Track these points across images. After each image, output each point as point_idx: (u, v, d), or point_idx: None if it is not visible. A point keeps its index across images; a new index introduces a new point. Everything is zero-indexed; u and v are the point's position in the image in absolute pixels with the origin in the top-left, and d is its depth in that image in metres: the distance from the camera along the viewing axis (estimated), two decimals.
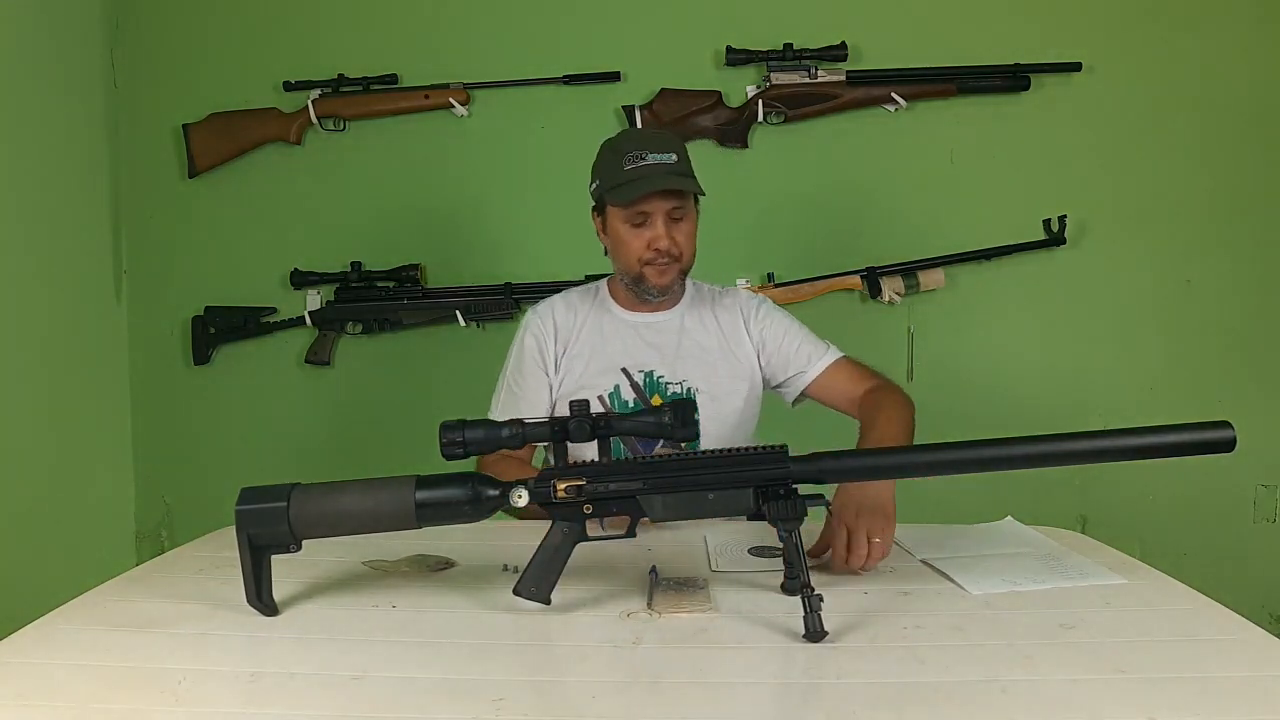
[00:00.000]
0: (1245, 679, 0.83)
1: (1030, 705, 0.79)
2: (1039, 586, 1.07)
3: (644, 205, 1.48)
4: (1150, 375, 2.33)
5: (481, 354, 2.30)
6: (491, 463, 1.42)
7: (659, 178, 1.46)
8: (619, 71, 2.32)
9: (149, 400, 2.46)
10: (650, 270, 1.52)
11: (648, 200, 1.47)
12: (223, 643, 0.94)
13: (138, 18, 2.40)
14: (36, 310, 2.12)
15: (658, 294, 1.55)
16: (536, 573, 1.01)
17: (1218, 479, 2.30)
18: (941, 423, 2.29)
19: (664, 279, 1.52)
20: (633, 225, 1.50)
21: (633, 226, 1.50)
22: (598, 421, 1.01)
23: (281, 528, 0.98)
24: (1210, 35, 2.28)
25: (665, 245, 1.49)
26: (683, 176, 1.49)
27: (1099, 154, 2.31)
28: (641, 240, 1.50)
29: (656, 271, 1.52)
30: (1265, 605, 2.30)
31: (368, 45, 2.36)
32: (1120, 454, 0.98)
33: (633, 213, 1.49)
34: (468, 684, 0.84)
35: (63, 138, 2.23)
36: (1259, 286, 2.32)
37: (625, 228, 1.51)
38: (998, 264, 2.31)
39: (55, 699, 0.81)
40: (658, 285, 1.53)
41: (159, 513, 2.48)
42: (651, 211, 1.48)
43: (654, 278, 1.52)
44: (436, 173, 2.38)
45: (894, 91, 2.27)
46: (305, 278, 2.36)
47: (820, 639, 0.91)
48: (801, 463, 0.99)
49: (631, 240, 1.51)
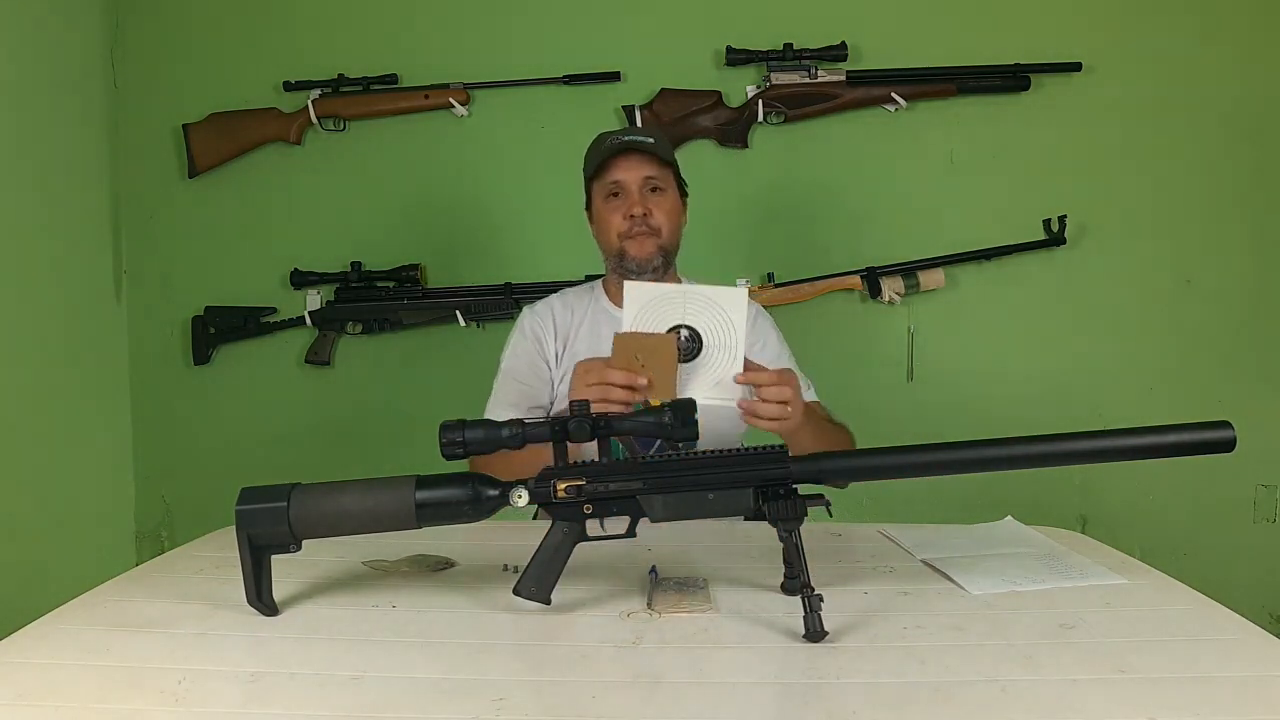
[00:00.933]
0: (1245, 679, 0.83)
1: (1030, 705, 0.79)
2: (1039, 586, 1.07)
3: (616, 172, 1.52)
4: (1150, 375, 2.33)
5: (481, 354, 2.30)
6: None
7: (626, 139, 1.51)
8: (619, 71, 2.32)
9: (149, 400, 2.46)
10: (629, 244, 1.52)
11: (619, 166, 1.51)
12: (223, 643, 0.94)
13: (138, 18, 2.40)
14: (37, 310, 2.12)
15: (637, 267, 1.53)
16: (536, 573, 1.01)
17: (1218, 479, 2.30)
18: (941, 423, 2.33)
19: (642, 250, 1.52)
20: (609, 198, 1.53)
21: (608, 199, 1.53)
22: (598, 421, 1.01)
23: (281, 528, 0.98)
24: (1210, 35, 2.28)
25: (639, 211, 1.50)
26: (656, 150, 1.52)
27: (1099, 154, 2.31)
28: (618, 213, 1.52)
29: (635, 244, 1.52)
30: (1265, 605, 2.30)
31: (368, 45, 2.36)
32: (1120, 454, 0.98)
33: (607, 184, 1.53)
34: (468, 684, 0.84)
35: (63, 138, 2.23)
36: (1259, 286, 2.32)
37: (603, 204, 1.54)
38: (998, 264, 2.31)
39: (55, 699, 0.81)
40: (636, 257, 1.53)
41: (159, 513, 2.48)
42: (625, 180, 1.52)
43: (632, 249, 1.53)
44: (436, 173, 2.38)
45: (894, 91, 2.27)
46: (305, 278, 2.36)
47: (820, 639, 0.91)
48: (802, 463, 0.99)
49: (609, 216, 1.53)
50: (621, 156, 1.52)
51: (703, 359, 1.27)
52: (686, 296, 1.27)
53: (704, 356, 1.27)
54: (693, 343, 1.27)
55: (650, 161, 1.53)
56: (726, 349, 1.27)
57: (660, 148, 1.54)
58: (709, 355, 1.27)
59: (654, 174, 1.53)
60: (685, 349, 1.27)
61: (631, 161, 1.52)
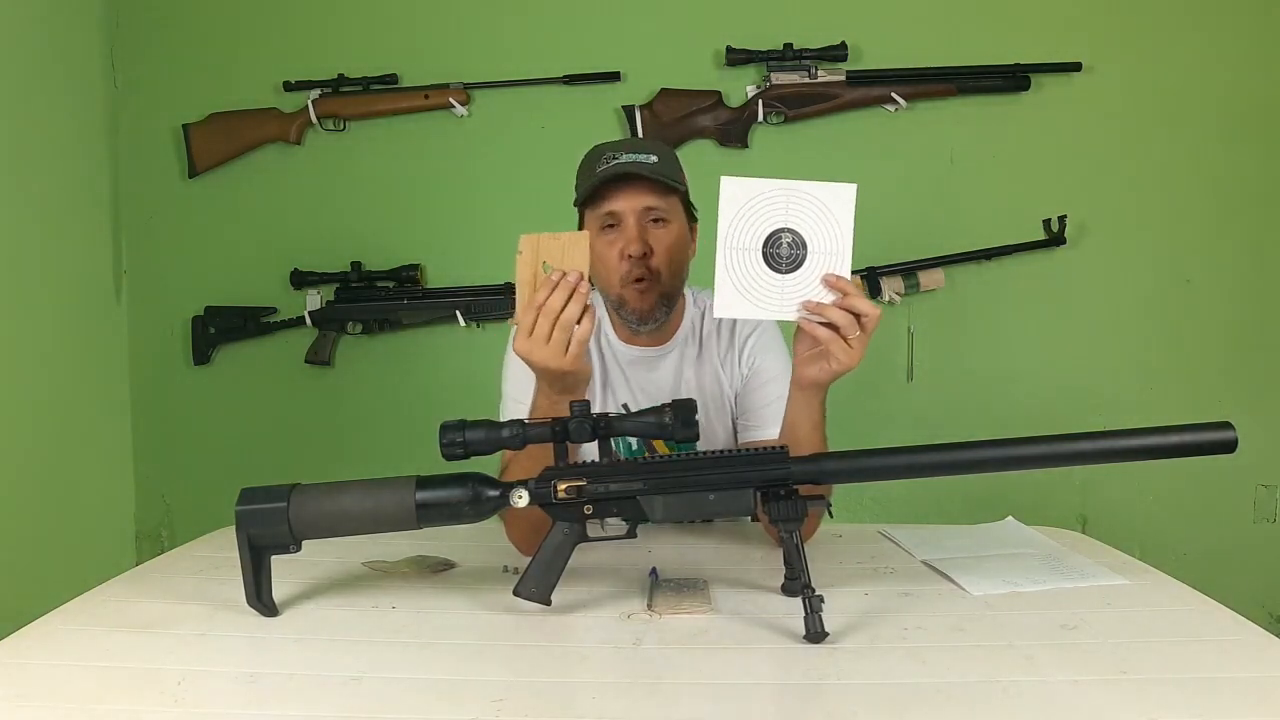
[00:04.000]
0: (1245, 679, 0.83)
1: (1031, 706, 0.79)
2: (1040, 587, 1.07)
3: (611, 202, 1.30)
4: (1150, 375, 2.33)
5: (481, 354, 2.31)
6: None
7: (623, 161, 1.29)
8: (619, 71, 2.32)
9: (149, 400, 2.46)
10: (629, 292, 1.32)
11: (616, 195, 1.29)
12: (222, 643, 0.94)
13: (138, 18, 2.40)
14: (37, 310, 2.12)
15: (637, 321, 1.35)
16: (537, 573, 1.01)
17: (1218, 479, 2.31)
18: (942, 423, 2.33)
19: (644, 304, 1.33)
20: (604, 230, 1.31)
21: (604, 231, 1.31)
22: (598, 422, 1.01)
23: (281, 528, 0.98)
24: (1210, 35, 2.28)
25: (636, 250, 1.29)
26: (658, 173, 1.29)
27: (1099, 154, 2.31)
28: (614, 249, 1.30)
29: (635, 293, 1.32)
30: (1265, 605, 2.30)
31: (368, 45, 2.36)
32: (1121, 455, 0.98)
33: (601, 214, 1.31)
34: (468, 684, 0.84)
35: (63, 137, 2.23)
36: (1259, 286, 2.32)
37: (598, 237, 1.31)
38: (998, 264, 2.31)
39: (55, 699, 0.81)
40: (636, 310, 1.33)
41: (159, 513, 2.48)
42: (622, 212, 1.30)
43: (633, 300, 1.33)
44: (436, 173, 2.38)
45: (894, 91, 2.27)
46: (305, 278, 2.36)
47: (821, 640, 0.91)
48: (802, 463, 0.99)
49: (606, 252, 1.31)
50: (617, 183, 1.29)
51: (807, 268, 1.08)
52: (790, 194, 1.07)
53: (808, 265, 1.08)
54: (796, 249, 1.08)
55: (650, 189, 1.30)
56: (832, 256, 1.08)
57: (664, 168, 1.30)
58: (813, 264, 1.08)
59: (655, 204, 1.30)
60: (789, 257, 1.08)
61: (629, 190, 1.29)
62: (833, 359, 1.08)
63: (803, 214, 1.08)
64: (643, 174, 1.29)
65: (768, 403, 1.38)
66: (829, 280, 1.08)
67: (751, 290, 1.09)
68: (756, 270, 1.08)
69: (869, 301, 1.08)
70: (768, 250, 1.08)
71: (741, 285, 1.09)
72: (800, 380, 1.15)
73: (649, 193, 1.30)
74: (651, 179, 1.29)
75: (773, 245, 1.08)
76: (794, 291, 1.08)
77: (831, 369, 1.10)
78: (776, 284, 1.09)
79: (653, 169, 1.29)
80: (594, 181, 1.30)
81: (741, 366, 1.43)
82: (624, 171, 1.28)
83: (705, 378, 1.43)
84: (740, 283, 1.09)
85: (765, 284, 1.09)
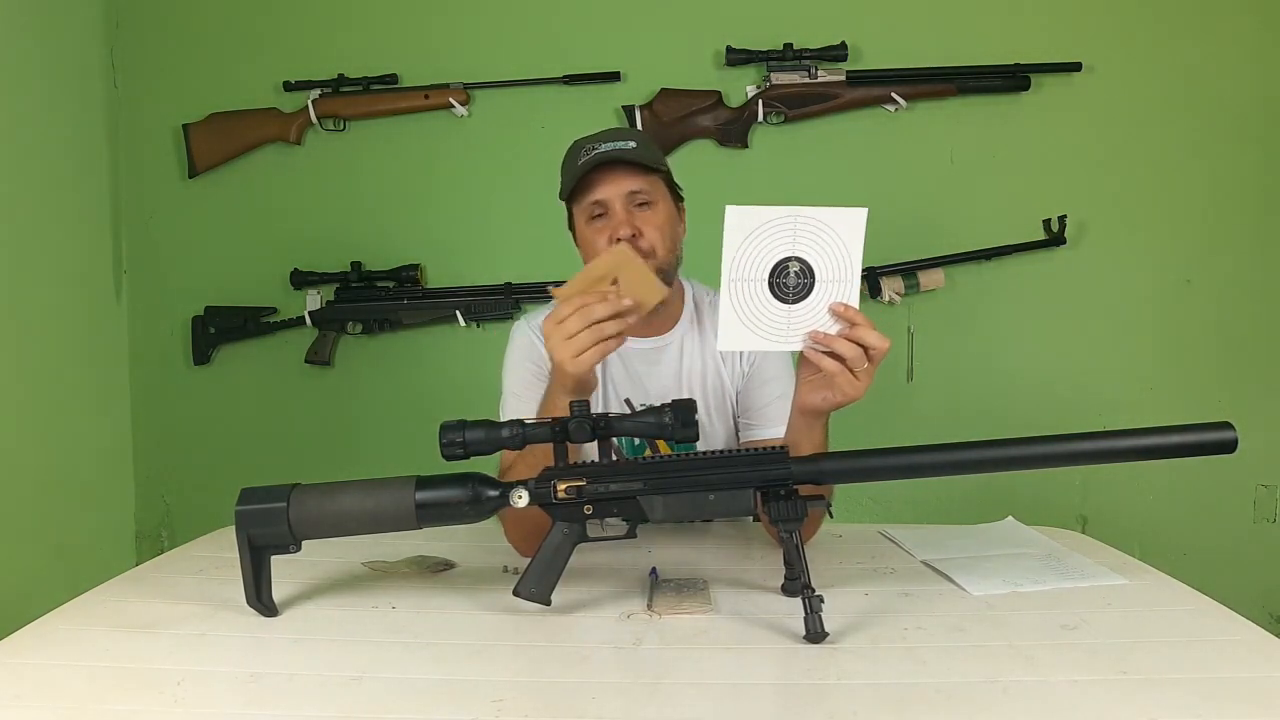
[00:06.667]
0: (1245, 679, 0.83)
1: (1031, 706, 0.79)
2: (1040, 587, 1.07)
3: (597, 191, 1.32)
4: (1150, 375, 2.33)
5: (481, 354, 2.31)
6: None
7: (602, 150, 1.31)
8: (619, 71, 2.32)
9: (149, 400, 2.46)
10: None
11: (599, 184, 1.31)
12: (223, 643, 0.94)
13: (138, 18, 2.40)
14: (37, 310, 2.12)
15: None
16: (537, 573, 1.01)
17: (1218, 479, 2.31)
18: (942, 423, 2.33)
19: None
20: (592, 220, 1.34)
21: (591, 221, 1.34)
22: (598, 422, 1.01)
23: (281, 528, 0.98)
24: (1210, 35, 2.28)
25: (625, 233, 1.29)
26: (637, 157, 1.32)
27: (1099, 154, 2.31)
28: (603, 236, 1.32)
29: None
30: (1265, 605, 2.30)
31: (368, 45, 2.36)
32: (1121, 455, 0.98)
33: (588, 204, 1.33)
34: (468, 684, 0.84)
35: (63, 138, 2.23)
36: (1259, 286, 2.31)
37: (587, 228, 1.35)
38: (998, 264, 2.31)
39: (55, 699, 0.81)
40: None
41: (159, 513, 2.48)
42: (608, 199, 1.32)
43: None
44: (436, 173, 2.38)
45: (894, 91, 2.27)
46: (305, 278, 2.36)
47: (821, 640, 0.91)
48: (802, 463, 0.99)
49: (595, 240, 1.33)
50: (598, 172, 1.31)
51: (814, 297, 1.06)
52: (797, 221, 1.05)
53: (816, 294, 1.06)
54: (803, 278, 1.06)
55: (632, 173, 1.32)
56: (841, 284, 1.07)
57: (642, 153, 1.33)
58: (820, 293, 1.06)
59: (639, 187, 1.32)
60: (796, 286, 1.06)
61: (611, 176, 1.32)
62: (837, 390, 1.09)
63: (810, 241, 1.06)
64: (624, 159, 1.31)
65: (768, 402, 1.39)
66: (836, 310, 1.07)
67: (757, 323, 1.08)
68: (762, 301, 1.07)
69: (878, 333, 1.07)
70: (774, 280, 1.07)
71: (747, 318, 1.08)
72: (802, 406, 1.15)
73: (631, 176, 1.32)
74: (633, 162, 1.32)
75: (779, 275, 1.07)
76: (800, 322, 1.07)
77: (835, 400, 1.10)
78: (783, 315, 1.08)
79: (633, 154, 1.32)
80: (577, 173, 1.32)
81: (742, 364, 1.44)
82: (605, 159, 1.31)
83: (707, 371, 1.44)
84: (745, 316, 1.07)
85: (771, 315, 1.07)
